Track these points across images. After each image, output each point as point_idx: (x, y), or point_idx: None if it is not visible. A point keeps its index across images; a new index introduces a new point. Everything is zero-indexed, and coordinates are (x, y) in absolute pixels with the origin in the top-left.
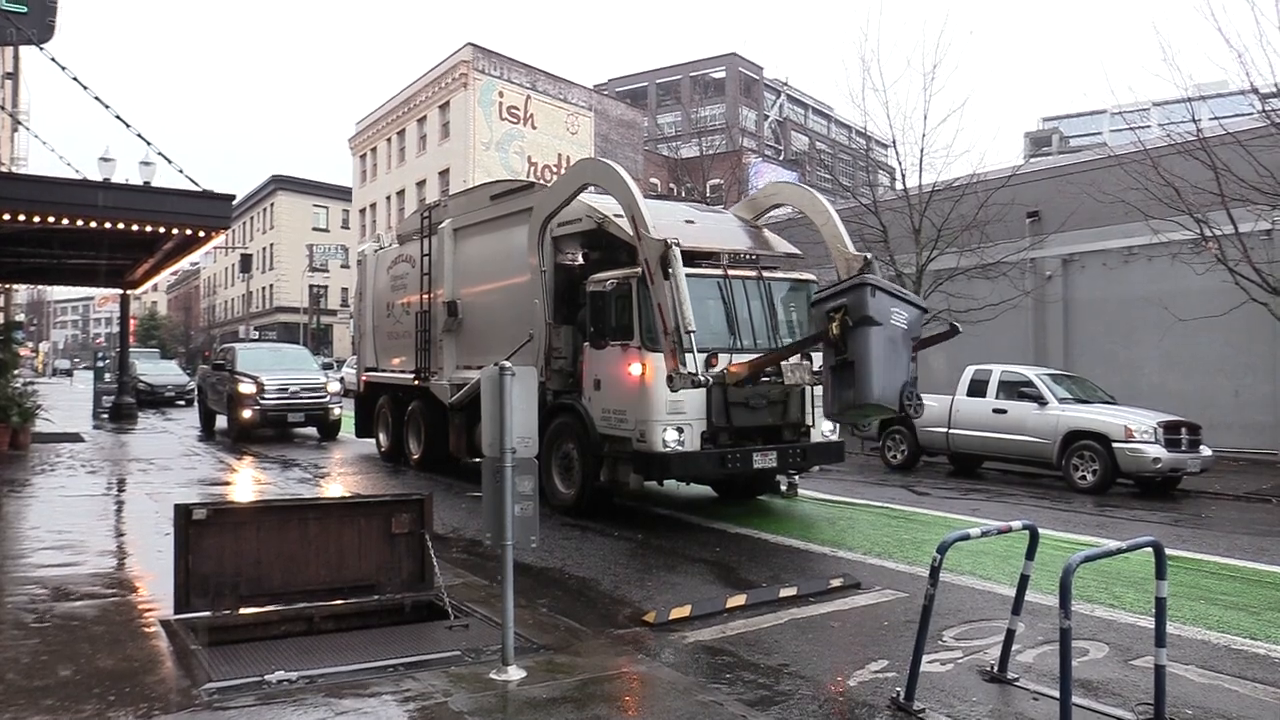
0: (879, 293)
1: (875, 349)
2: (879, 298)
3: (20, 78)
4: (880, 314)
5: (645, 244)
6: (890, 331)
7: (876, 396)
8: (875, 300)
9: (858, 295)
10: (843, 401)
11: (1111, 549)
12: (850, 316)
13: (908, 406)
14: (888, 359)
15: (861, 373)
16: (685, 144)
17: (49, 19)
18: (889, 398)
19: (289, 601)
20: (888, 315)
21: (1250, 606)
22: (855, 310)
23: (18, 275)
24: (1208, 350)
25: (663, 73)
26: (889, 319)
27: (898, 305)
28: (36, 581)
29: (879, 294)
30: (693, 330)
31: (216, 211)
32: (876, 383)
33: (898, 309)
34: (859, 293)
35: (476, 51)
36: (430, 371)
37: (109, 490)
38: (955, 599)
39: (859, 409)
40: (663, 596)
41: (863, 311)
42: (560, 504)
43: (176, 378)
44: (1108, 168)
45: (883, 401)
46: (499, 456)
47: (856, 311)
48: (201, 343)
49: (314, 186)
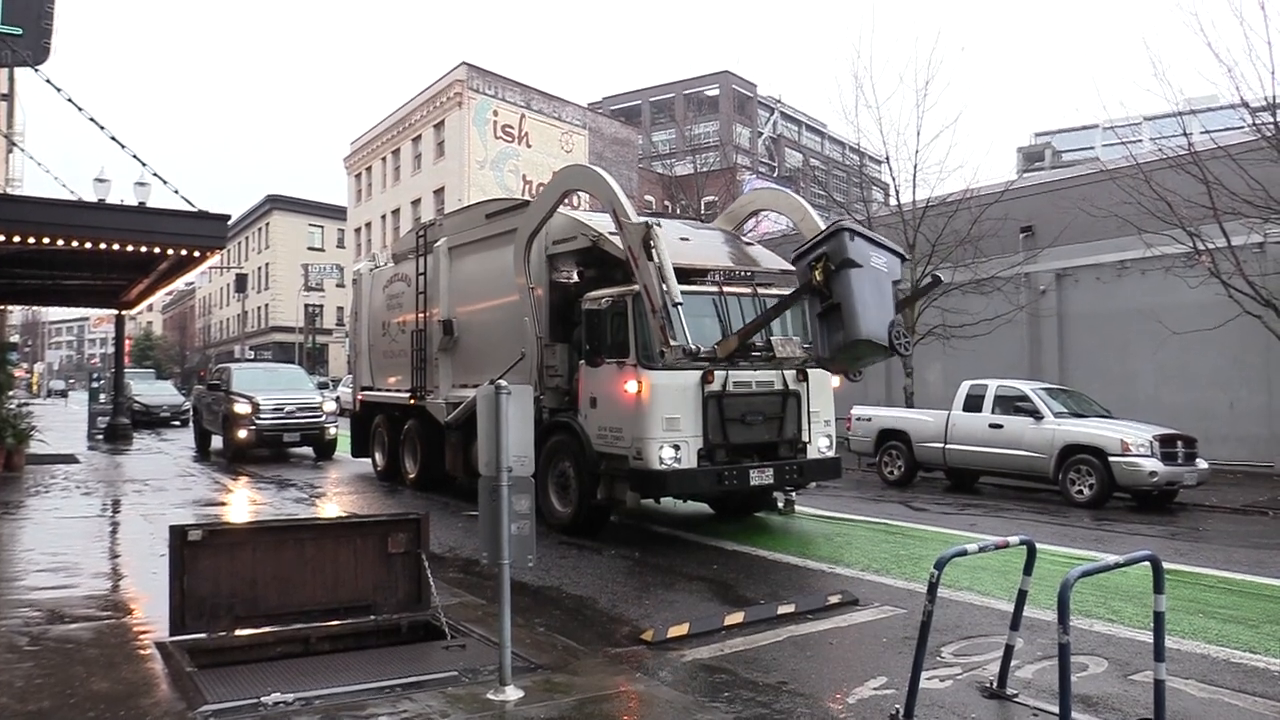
0: (857, 237)
1: (859, 289)
2: (857, 242)
3: (15, 99)
4: (860, 256)
5: (627, 230)
6: (873, 273)
7: (865, 332)
8: (854, 244)
9: (837, 241)
10: (833, 344)
11: (1109, 563)
12: (832, 261)
13: (897, 344)
14: (873, 298)
15: (848, 312)
16: (679, 161)
17: (44, 41)
18: (878, 334)
19: (285, 622)
20: (868, 258)
21: (1249, 620)
22: (836, 255)
23: (12, 296)
24: (1202, 363)
25: (657, 91)
26: (869, 261)
27: (876, 250)
28: (30, 604)
29: (857, 239)
30: (679, 303)
31: (212, 231)
32: (864, 320)
33: (876, 253)
34: (838, 238)
35: (471, 71)
36: (426, 390)
37: (104, 511)
38: (954, 615)
39: (850, 349)
40: (660, 615)
41: (843, 255)
42: (557, 522)
43: (171, 398)
44: (1100, 182)
45: (872, 337)
46: (495, 475)
47: (837, 256)
48: (197, 362)
49: (309, 206)
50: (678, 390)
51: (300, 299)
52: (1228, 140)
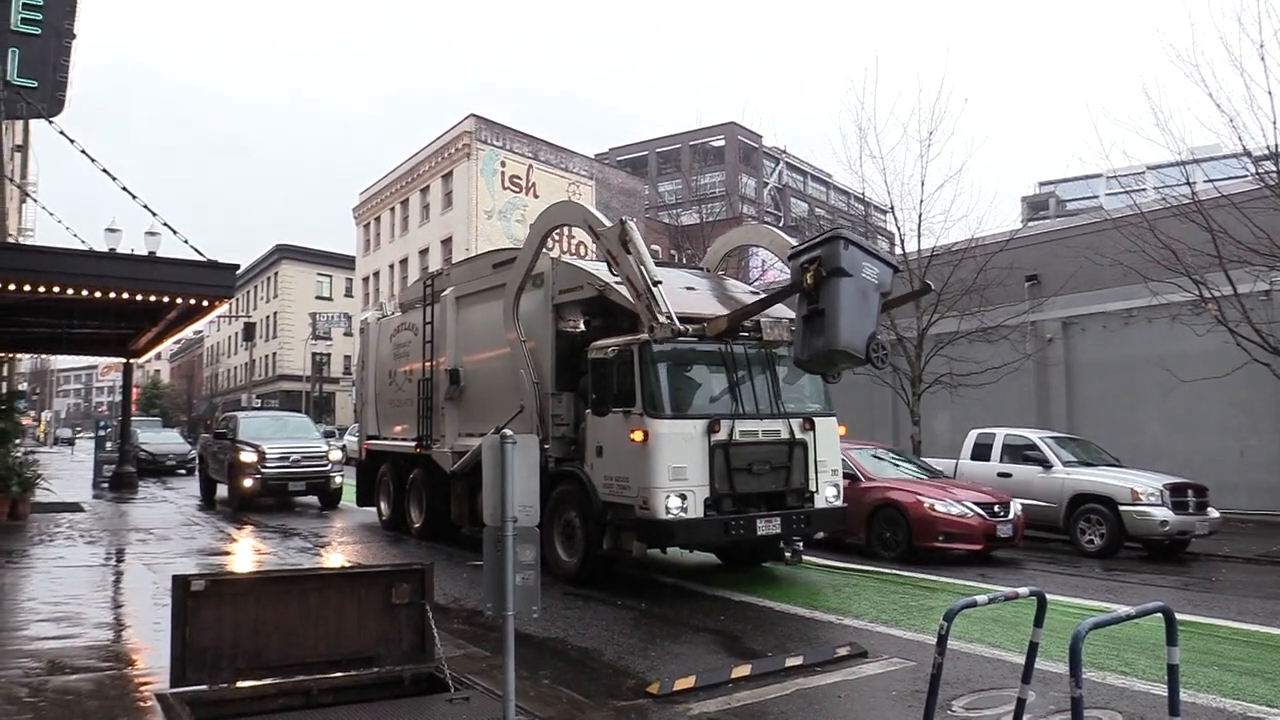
0: (851, 246)
1: (845, 298)
2: (851, 251)
3: (29, 149)
4: (852, 266)
5: (604, 236)
6: (861, 284)
7: (843, 343)
8: (848, 253)
9: (831, 248)
10: (812, 348)
11: (1122, 615)
12: (824, 267)
13: (874, 356)
14: (857, 309)
15: (830, 320)
16: (686, 211)
17: (59, 94)
18: (856, 345)
19: (287, 674)
20: (859, 268)
21: (1265, 672)
22: (828, 261)
23: (23, 345)
24: (1211, 411)
25: (663, 142)
26: (860, 271)
27: (869, 260)
28: (31, 654)
29: (851, 248)
30: (659, 281)
31: (221, 281)
32: (844, 330)
33: (869, 264)
34: (832, 245)
35: (479, 122)
36: (432, 439)
37: (107, 561)
38: (964, 667)
39: (826, 356)
40: (667, 667)
41: (835, 263)
42: (563, 572)
43: (177, 446)
44: (1105, 231)
45: (849, 349)
46: (500, 525)
47: (829, 263)
48: (204, 411)
49: (318, 255)
50: (684, 439)
51: (308, 348)
52: (1231, 189)
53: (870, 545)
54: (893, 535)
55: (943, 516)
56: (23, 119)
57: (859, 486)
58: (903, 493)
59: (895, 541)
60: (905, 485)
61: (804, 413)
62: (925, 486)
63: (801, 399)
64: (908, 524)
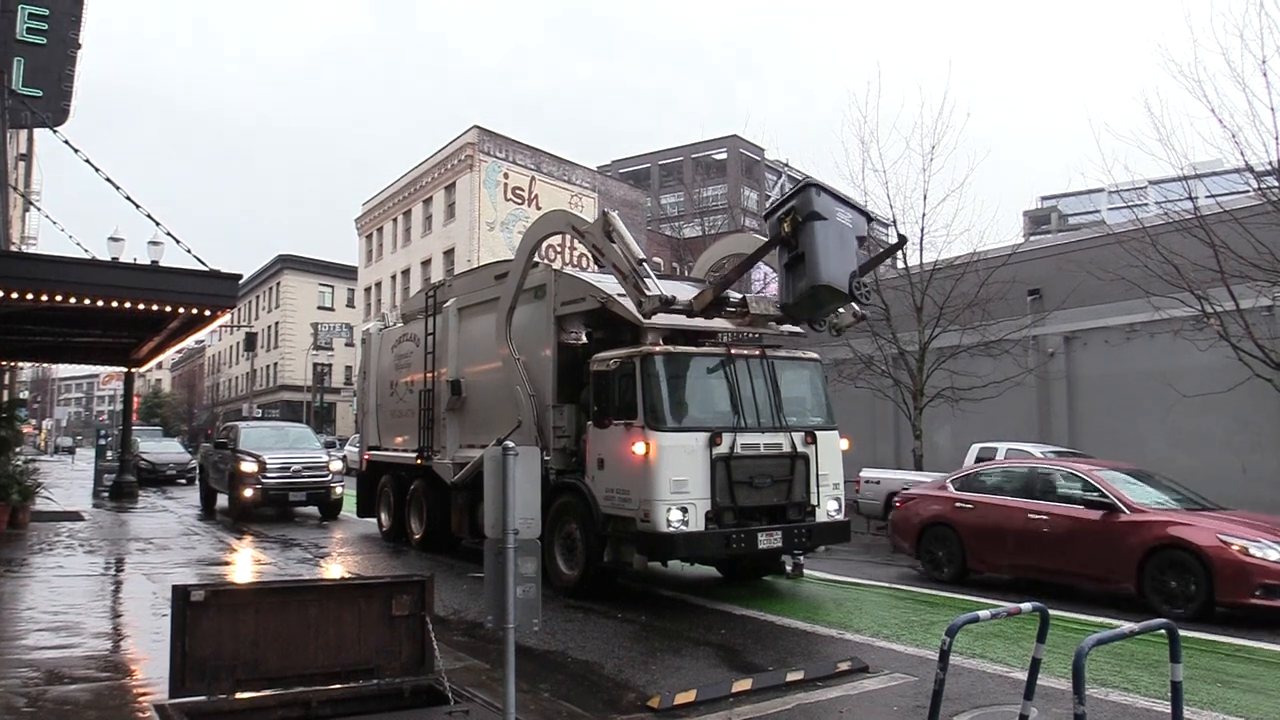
0: (823, 193)
1: (822, 239)
2: (823, 197)
3: (33, 159)
4: (826, 210)
5: (589, 233)
6: (837, 227)
7: (826, 278)
8: (820, 199)
9: (804, 195)
10: (796, 292)
11: (1124, 631)
12: (799, 214)
13: (857, 292)
14: (836, 249)
15: (810, 260)
16: (688, 224)
17: (64, 103)
18: (838, 279)
19: (286, 685)
20: (833, 213)
21: (1268, 690)
22: (803, 208)
23: (25, 353)
24: (1214, 426)
25: (665, 154)
26: (835, 216)
27: (841, 207)
28: (30, 664)
29: (823, 194)
30: (644, 258)
31: (223, 291)
32: (824, 267)
33: (842, 210)
34: (805, 193)
35: (482, 134)
36: (433, 450)
37: (107, 570)
38: (966, 683)
39: (811, 296)
40: (667, 680)
41: (809, 208)
42: (563, 585)
43: (178, 456)
44: (1107, 245)
45: (832, 283)
46: (501, 537)
47: (804, 208)
48: (205, 420)
49: (320, 266)
50: (685, 452)
51: (309, 358)
52: (1233, 204)
53: (1145, 597)
54: (1180, 586)
55: (1260, 564)
56: (27, 128)
57: (1121, 520)
58: (1195, 530)
59: (1184, 594)
60: (1194, 520)
61: (806, 426)
62: (1224, 522)
63: (804, 412)
64: (1207, 572)
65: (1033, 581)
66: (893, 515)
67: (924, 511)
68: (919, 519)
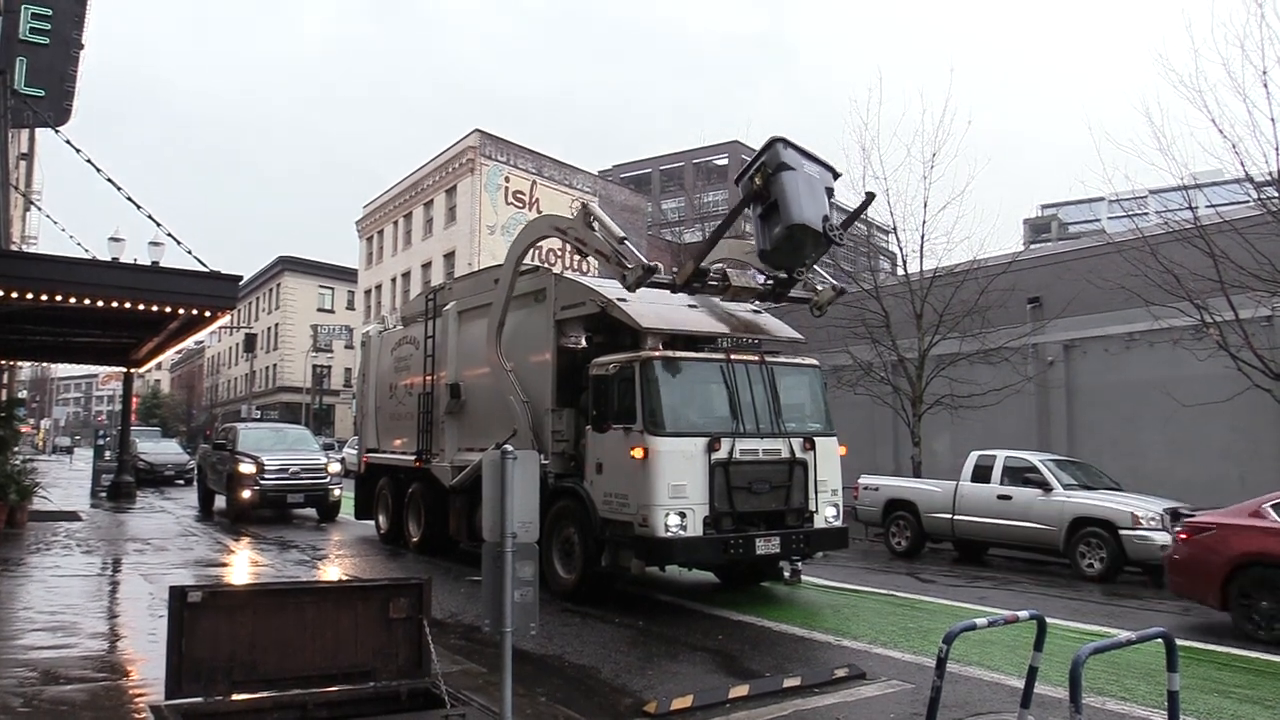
0: (789, 147)
1: (792, 185)
2: (790, 151)
3: (35, 158)
4: (794, 162)
5: (571, 228)
6: (805, 177)
7: (799, 218)
8: (787, 152)
9: (772, 150)
10: (773, 238)
11: (1122, 640)
12: (768, 167)
13: (831, 233)
14: (807, 193)
15: (783, 204)
16: (688, 229)
17: (66, 103)
18: (813, 220)
19: (283, 688)
20: (801, 164)
21: (1265, 700)
22: (771, 161)
23: (24, 352)
24: (1213, 436)
25: (666, 160)
26: (802, 167)
27: (808, 161)
28: (26, 664)
29: (789, 149)
30: (625, 237)
31: (223, 292)
32: (797, 208)
33: (809, 163)
34: (773, 148)
35: (484, 138)
36: (432, 453)
37: (104, 570)
38: (963, 691)
39: (787, 238)
40: (664, 686)
41: (778, 160)
42: (561, 589)
43: (176, 456)
44: (1107, 254)
45: (806, 222)
46: (499, 541)
47: (773, 161)
48: (203, 421)
49: (320, 268)
50: (684, 457)
51: (308, 360)
52: (1233, 214)
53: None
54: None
55: None
56: (29, 127)
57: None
58: None
59: None
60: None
61: (804, 432)
62: None
63: (802, 418)
64: None
65: None
66: (1174, 553)
67: (1234, 546)
68: (1226, 556)
